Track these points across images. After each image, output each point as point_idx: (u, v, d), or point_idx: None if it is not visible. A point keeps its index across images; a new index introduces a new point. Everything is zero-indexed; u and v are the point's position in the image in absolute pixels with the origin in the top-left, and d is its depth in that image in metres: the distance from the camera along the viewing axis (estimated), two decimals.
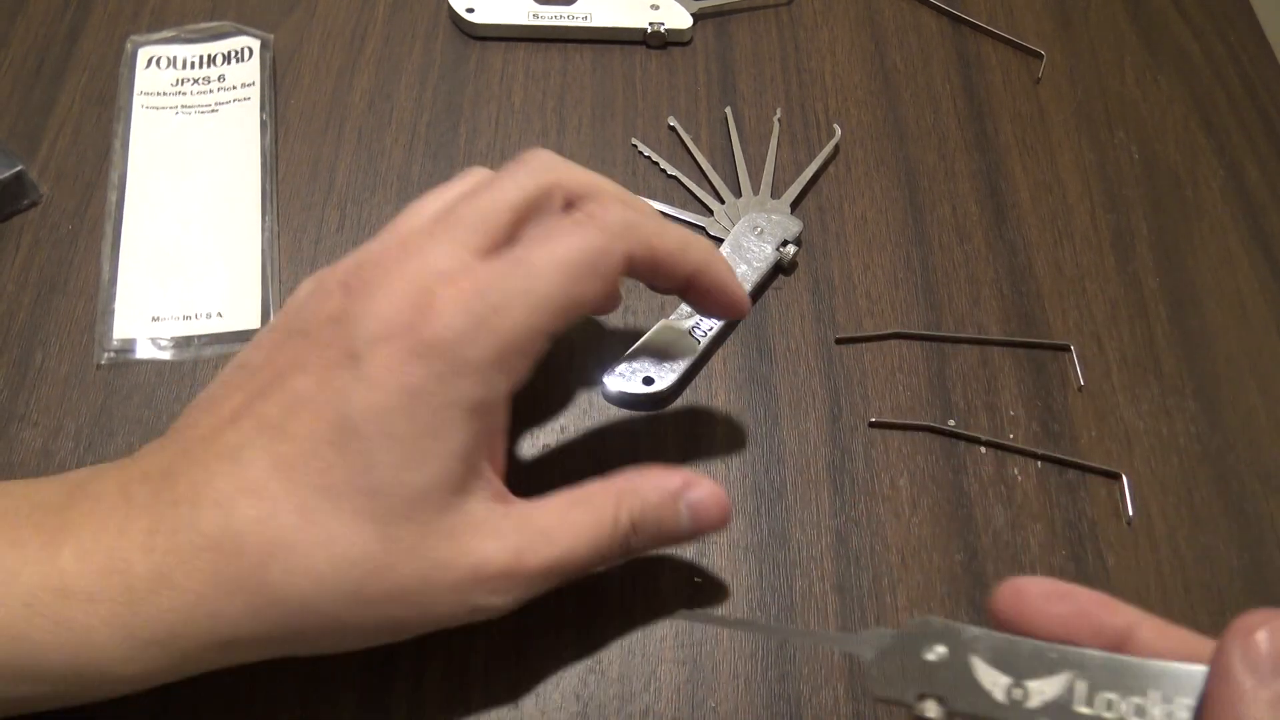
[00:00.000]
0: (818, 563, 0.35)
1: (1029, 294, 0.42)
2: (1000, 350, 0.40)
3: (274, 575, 0.26)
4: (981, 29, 0.49)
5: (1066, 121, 0.47)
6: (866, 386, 0.39)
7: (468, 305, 0.27)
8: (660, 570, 0.35)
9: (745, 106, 0.46)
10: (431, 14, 0.48)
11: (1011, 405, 0.39)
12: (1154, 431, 0.39)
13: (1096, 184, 0.45)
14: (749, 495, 0.36)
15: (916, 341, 0.40)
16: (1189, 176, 0.46)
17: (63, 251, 0.40)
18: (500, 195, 0.29)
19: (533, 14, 0.47)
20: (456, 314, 0.27)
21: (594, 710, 0.32)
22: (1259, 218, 0.45)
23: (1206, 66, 0.49)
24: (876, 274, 0.42)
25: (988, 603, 0.25)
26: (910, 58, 0.48)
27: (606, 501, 0.29)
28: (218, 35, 0.45)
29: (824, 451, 0.37)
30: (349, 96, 0.45)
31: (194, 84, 0.44)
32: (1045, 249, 0.43)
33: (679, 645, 0.33)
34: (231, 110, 0.43)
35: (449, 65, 0.47)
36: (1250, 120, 0.48)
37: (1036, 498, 0.37)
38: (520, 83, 0.46)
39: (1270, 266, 0.43)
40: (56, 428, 0.36)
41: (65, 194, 0.42)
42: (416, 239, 0.29)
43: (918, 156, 0.45)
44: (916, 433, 0.38)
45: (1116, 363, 0.40)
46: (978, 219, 0.44)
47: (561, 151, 0.44)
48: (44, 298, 0.39)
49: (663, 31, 0.47)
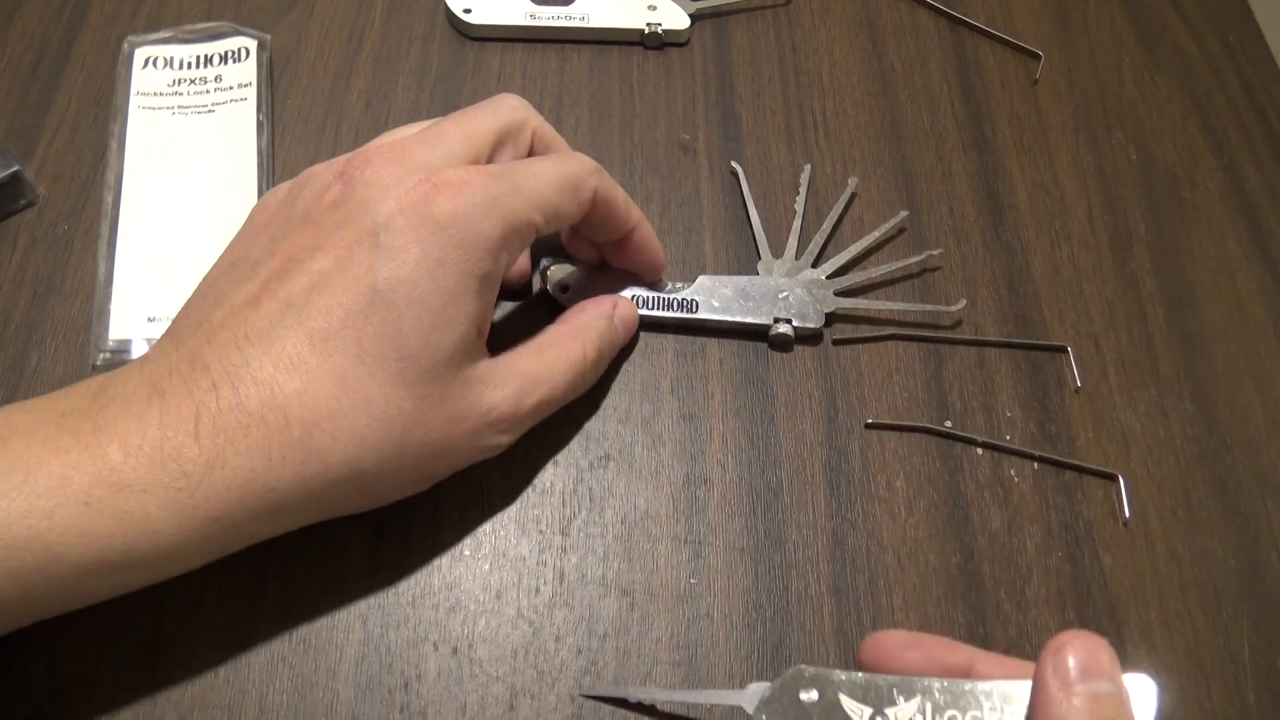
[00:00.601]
0: (814, 564, 0.35)
1: (1026, 295, 0.42)
2: (997, 351, 0.40)
3: (320, 442, 0.28)
4: (980, 30, 0.49)
5: (1064, 122, 0.47)
6: (863, 387, 0.39)
7: (480, 188, 0.30)
8: (657, 570, 0.35)
9: (743, 107, 0.46)
10: (429, 14, 0.48)
11: (1008, 406, 0.39)
12: (1151, 433, 0.39)
13: (1094, 185, 0.45)
14: (745, 496, 0.36)
15: (913, 342, 0.40)
16: (1187, 177, 0.46)
17: (59, 252, 0.40)
18: (483, 119, 0.33)
19: (530, 14, 0.47)
20: (470, 195, 0.30)
21: (589, 711, 0.32)
22: (1257, 219, 0.45)
23: (1205, 67, 0.49)
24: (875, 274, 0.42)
25: (856, 654, 0.28)
26: (908, 58, 0.48)
27: (573, 341, 0.35)
28: (215, 35, 0.45)
29: (820, 453, 0.37)
30: (346, 97, 0.45)
31: (191, 84, 0.44)
32: (1043, 250, 0.43)
33: (674, 647, 0.33)
34: (228, 111, 0.43)
35: (446, 66, 0.47)
36: (1249, 121, 0.48)
37: (1033, 499, 0.37)
38: (518, 83, 0.46)
39: (1268, 268, 0.43)
40: None
41: (62, 194, 0.41)
42: (408, 142, 0.31)
43: (915, 157, 0.45)
44: (913, 434, 0.38)
45: (1114, 364, 0.40)
46: (975, 220, 0.44)
47: None
48: (40, 298, 0.39)
49: (660, 32, 0.47)
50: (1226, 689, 0.34)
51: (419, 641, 0.33)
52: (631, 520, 0.36)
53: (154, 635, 0.32)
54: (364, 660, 0.32)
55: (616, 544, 0.35)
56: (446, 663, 0.33)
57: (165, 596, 0.31)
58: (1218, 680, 0.34)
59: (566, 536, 0.35)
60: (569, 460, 0.37)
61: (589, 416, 0.38)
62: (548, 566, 0.35)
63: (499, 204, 0.30)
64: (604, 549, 0.35)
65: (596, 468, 0.37)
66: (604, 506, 0.36)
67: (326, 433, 0.28)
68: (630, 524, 0.36)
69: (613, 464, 0.37)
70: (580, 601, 0.34)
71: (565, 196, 0.32)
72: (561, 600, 0.34)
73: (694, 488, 0.36)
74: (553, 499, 0.36)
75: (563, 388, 0.34)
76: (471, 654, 0.33)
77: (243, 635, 0.32)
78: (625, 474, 0.36)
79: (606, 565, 0.35)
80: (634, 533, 0.35)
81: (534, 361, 0.33)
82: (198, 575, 0.30)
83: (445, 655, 0.33)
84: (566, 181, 0.32)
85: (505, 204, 0.30)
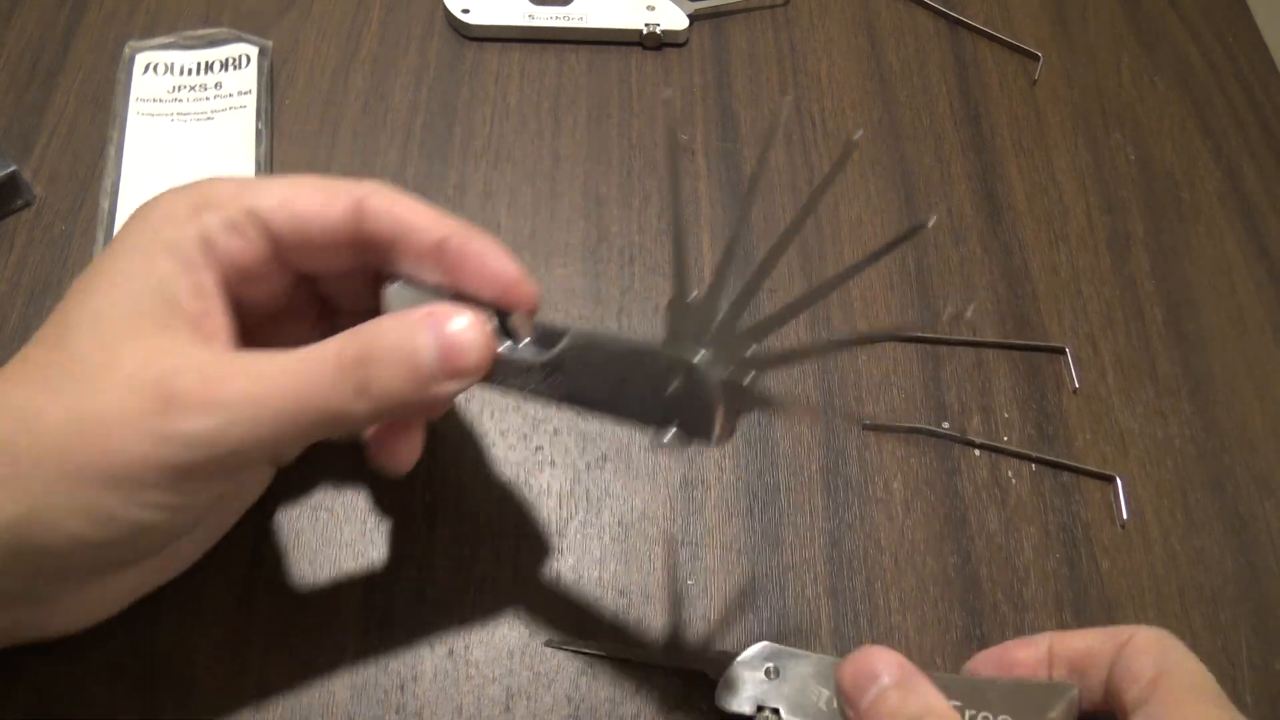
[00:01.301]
0: (811, 566, 0.35)
1: (1024, 296, 0.42)
2: (995, 353, 0.40)
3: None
4: (978, 30, 0.49)
5: (1063, 123, 0.47)
6: (860, 389, 0.39)
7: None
8: (654, 571, 0.35)
9: (741, 108, 0.46)
10: (427, 15, 0.48)
11: (1006, 408, 0.39)
12: (1149, 434, 0.39)
13: (1093, 186, 0.45)
14: (742, 498, 0.36)
15: (911, 343, 0.40)
16: (1186, 179, 0.46)
17: (56, 252, 0.40)
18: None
19: (528, 15, 0.47)
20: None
21: (585, 712, 0.32)
22: (1256, 220, 0.45)
23: (1204, 68, 0.49)
24: (871, 276, 0.42)
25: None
26: (907, 59, 0.48)
27: (333, 340, 0.26)
28: (216, 41, 0.45)
29: (818, 454, 0.37)
30: (344, 97, 0.45)
31: (191, 91, 0.44)
32: (1041, 251, 0.43)
33: (671, 649, 0.33)
34: (227, 119, 0.43)
35: (444, 66, 0.47)
36: (1248, 122, 0.48)
37: (1031, 500, 0.37)
38: (516, 84, 0.46)
39: (1267, 269, 0.43)
40: None
41: (59, 195, 0.41)
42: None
43: (913, 158, 0.45)
44: (910, 435, 0.38)
45: (1112, 365, 0.40)
46: (973, 221, 0.44)
47: (558, 152, 0.44)
48: (37, 299, 0.39)
49: (658, 32, 0.47)
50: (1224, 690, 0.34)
51: (415, 643, 0.33)
52: (628, 521, 0.36)
53: (149, 643, 0.32)
54: (360, 662, 0.32)
55: (614, 545, 0.35)
56: (442, 664, 0.33)
57: (161, 602, 0.31)
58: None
59: (563, 538, 0.35)
60: (566, 461, 0.37)
61: (584, 418, 0.38)
62: (545, 568, 0.35)
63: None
64: (601, 550, 0.35)
65: (594, 469, 0.36)
66: (601, 508, 0.36)
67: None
68: (627, 525, 0.35)
69: (610, 465, 0.37)
70: (577, 603, 0.34)
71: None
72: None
73: (691, 489, 0.36)
74: (549, 500, 0.36)
75: (297, 391, 0.25)
76: (468, 655, 0.33)
77: (236, 640, 0.32)
78: (622, 475, 0.36)
79: (603, 567, 0.35)
80: (631, 534, 0.35)
81: (271, 356, 0.26)
82: (194, 571, 0.30)
83: (441, 656, 0.33)
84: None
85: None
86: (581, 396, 0.27)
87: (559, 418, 0.37)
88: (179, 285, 0.26)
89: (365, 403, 0.25)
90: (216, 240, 0.27)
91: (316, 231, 0.28)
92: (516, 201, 0.43)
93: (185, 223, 0.27)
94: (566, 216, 0.42)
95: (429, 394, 0.26)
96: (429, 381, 0.26)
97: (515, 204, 0.42)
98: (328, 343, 0.26)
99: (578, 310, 0.40)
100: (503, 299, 0.28)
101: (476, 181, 0.43)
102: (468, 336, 0.26)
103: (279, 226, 0.28)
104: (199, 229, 0.27)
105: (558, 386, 0.27)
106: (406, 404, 0.26)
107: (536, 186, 0.43)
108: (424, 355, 0.26)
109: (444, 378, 0.26)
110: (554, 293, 0.40)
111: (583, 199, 0.43)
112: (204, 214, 0.27)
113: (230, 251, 0.28)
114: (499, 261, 0.28)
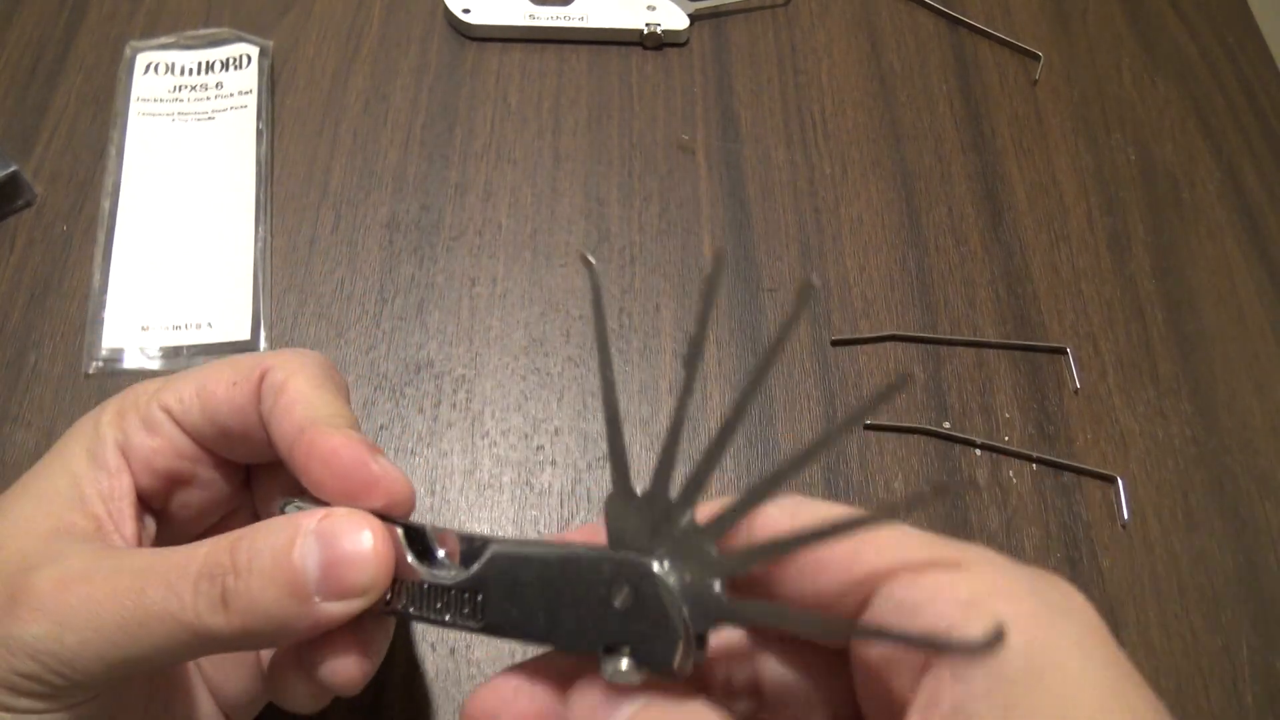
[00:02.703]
0: None
1: (1025, 296, 0.42)
2: (996, 353, 0.40)
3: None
4: (979, 30, 0.49)
5: (1064, 123, 0.47)
6: (862, 388, 0.39)
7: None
8: None
9: (741, 108, 0.46)
10: (428, 15, 0.48)
11: (1007, 408, 0.39)
12: (1149, 434, 0.39)
13: (1093, 186, 0.45)
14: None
15: (912, 344, 0.40)
16: (1186, 178, 0.46)
17: (57, 251, 0.40)
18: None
19: (529, 15, 0.47)
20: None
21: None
22: (1256, 220, 0.45)
23: (1204, 68, 0.49)
24: (872, 276, 0.42)
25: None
26: (907, 59, 0.48)
27: (209, 541, 0.23)
28: (217, 42, 0.45)
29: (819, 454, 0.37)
30: (344, 98, 0.45)
31: (191, 91, 0.44)
32: (1042, 251, 0.43)
33: None
34: (228, 118, 0.43)
35: (445, 66, 0.47)
36: (1248, 122, 0.48)
37: (1032, 500, 0.37)
38: (516, 83, 0.46)
39: (1267, 269, 0.43)
40: (49, 429, 0.36)
41: (59, 195, 0.41)
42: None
43: (914, 158, 0.45)
44: (912, 435, 0.38)
45: (1112, 365, 0.40)
46: (974, 221, 0.44)
47: (558, 152, 0.44)
48: (38, 298, 0.39)
49: (659, 32, 0.47)
50: (1225, 690, 0.34)
51: (417, 642, 0.33)
52: None
53: None
54: None
55: None
56: (444, 663, 0.33)
57: None
58: (1216, 681, 0.34)
59: None
60: (567, 461, 0.37)
61: (586, 418, 0.38)
62: None
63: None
64: None
65: (595, 468, 0.36)
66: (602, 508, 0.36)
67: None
68: None
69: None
70: None
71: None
72: None
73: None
74: (550, 500, 0.36)
75: (123, 610, 0.21)
76: (469, 655, 0.33)
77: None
78: None
79: None
80: None
81: (122, 559, 0.23)
82: None
83: (443, 656, 0.33)
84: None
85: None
86: (509, 625, 0.22)
87: (560, 417, 0.37)
88: (88, 488, 0.25)
89: (226, 618, 0.21)
90: (132, 442, 0.26)
91: (227, 416, 0.26)
92: (517, 201, 0.43)
93: (108, 427, 0.26)
94: (567, 216, 0.42)
95: (310, 616, 0.22)
96: (307, 600, 0.22)
97: (516, 204, 0.42)
98: (203, 542, 0.22)
99: (578, 310, 0.40)
100: (359, 499, 0.23)
101: (477, 181, 0.43)
102: (361, 549, 0.22)
103: (193, 419, 0.26)
104: (116, 433, 0.26)
105: (479, 614, 0.22)
106: (283, 625, 0.22)
107: (537, 186, 0.43)
108: (302, 568, 0.22)
109: (327, 597, 0.22)
110: (554, 292, 0.40)
111: (583, 199, 0.43)
112: (125, 417, 0.26)
113: (144, 452, 0.26)
114: (351, 456, 0.24)
